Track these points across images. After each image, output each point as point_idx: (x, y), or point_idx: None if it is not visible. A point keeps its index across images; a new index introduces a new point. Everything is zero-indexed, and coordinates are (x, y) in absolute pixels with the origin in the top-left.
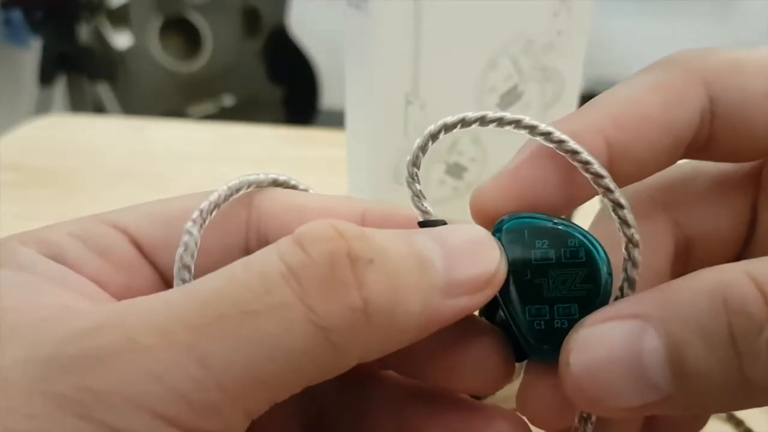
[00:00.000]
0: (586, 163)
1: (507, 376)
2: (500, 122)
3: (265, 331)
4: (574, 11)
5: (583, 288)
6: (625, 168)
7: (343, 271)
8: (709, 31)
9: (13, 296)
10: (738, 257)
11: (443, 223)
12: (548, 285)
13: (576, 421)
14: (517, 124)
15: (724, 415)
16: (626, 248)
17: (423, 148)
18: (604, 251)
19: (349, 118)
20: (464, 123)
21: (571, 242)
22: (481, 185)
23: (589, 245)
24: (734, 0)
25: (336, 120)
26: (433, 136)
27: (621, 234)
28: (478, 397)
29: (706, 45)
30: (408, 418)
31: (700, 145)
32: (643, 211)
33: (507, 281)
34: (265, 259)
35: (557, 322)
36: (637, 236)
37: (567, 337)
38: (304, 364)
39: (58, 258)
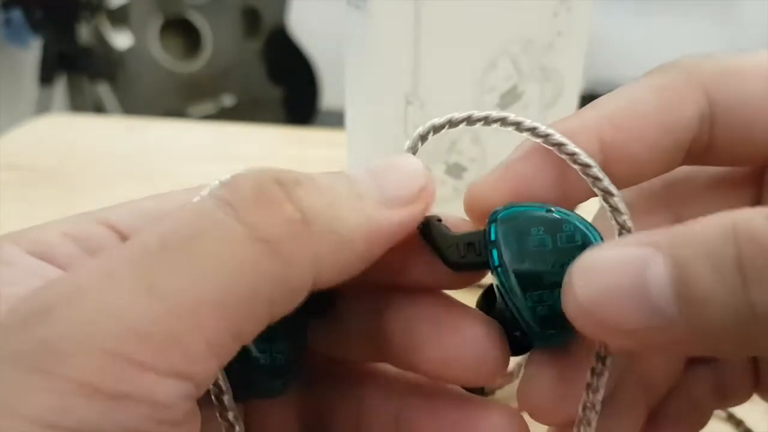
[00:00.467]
0: (572, 154)
1: (502, 367)
2: (486, 121)
3: (208, 250)
4: (574, 11)
5: None
6: (621, 168)
7: (272, 192)
8: (709, 32)
9: None
10: None
11: (438, 218)
12: (548, 270)
13: (580, 410)
14: (503, 121)
15: (724, 414)
16: (619, 234)
17: (413, 150)
18: (600, 234)
19: (349, 118)
20: (451, 123)
21: (566, 227)
22: (476, 181)
23: (584, 229)
24: (734, 0)
25: (336, 120)
26: (423, 137)
27: (613, 222)
28: (477, 393)
29: (706, 45)
30: (405, 413)
31: (700, 150)
32: (644, 207)
33: (505, 270)
34: (198, 200)
35: (559, 307)
36: (629, 222)
37: (571, 264)
38: (255, 281)
39: (48, 257)
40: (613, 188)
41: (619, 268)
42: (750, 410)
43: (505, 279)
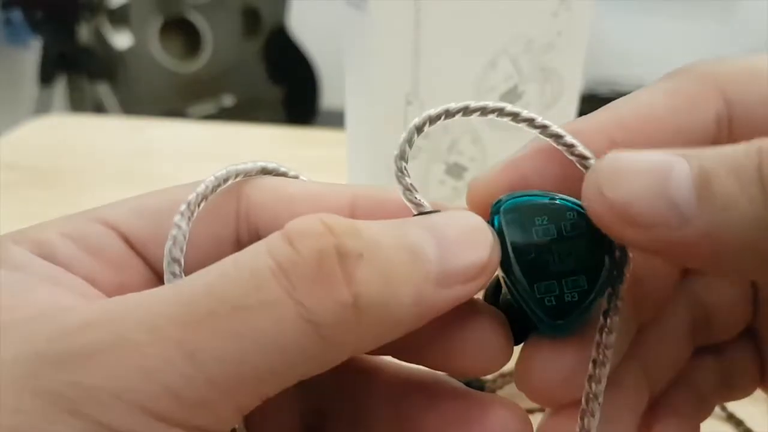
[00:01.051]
0: (570, 146)
1: (505, 357)
2: (483, 111)
3: (255, 327)
4: (573, 11)
5: (589, 258)
6: None
7: (331, 267)
8: (710, 32)
9: (6, 295)
10: None
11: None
12: (554, 260)
13: (583, 401)
14: (500, 112)
15: (724, 414)
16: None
17: (409, 141)
18: None
19: (349, 118)
20: (447, 114)
21: (569, 215)
22: (477, 176)
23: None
24: (735, 0)
25: (336, 120)
26: (419, 129)
27: None
28: (479, 388)
29: (706, 45)
30: (406, 408)
31: None
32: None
33: (510, 262)
34: (254, 255)
35: (568, 296)
36: None
37: (594, 163)
38: (295, 358)
39: (49, 257)
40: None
41: (641, 164)
42: (750, 410)
43: (512, 271)
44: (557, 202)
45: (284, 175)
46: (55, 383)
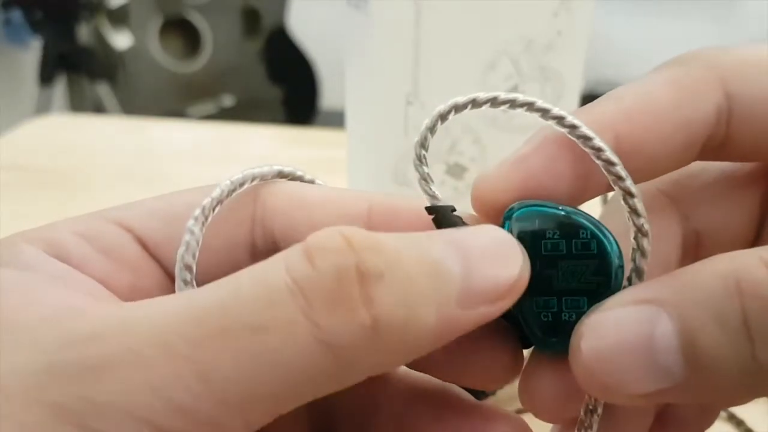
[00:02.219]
0: (598, 149)
1: (516, 370)
2: (513, 104)
3: (268, 347)
4: (574, 11)
5: (593, 281)
6: (636, 163)
7: (350, 287)
8: (710, 32)
9: (16, 296)
10: None
11: (452, 208)
12: (558, 277)
13: (582, 413)
14: (530, 106)
15: (724, 414)
16: (635, 238)
17: (432, 129)
18: (617, 243)
19: (349, 118)
20: (474, 104)
21: (582, 233)
22: (485, 172)
23: (602, 237)
24: (735, 0)
25: (336, 120)
26: (443, 116)
27: (630, 223)
28: (480, 395)
29: (707, 45)
30: (409, 419)
31: (716, 145)
32: (650, 204)
33: None
34: (272, 270)
35: (565, 315)
36: (646, 226)
37: (579, 322)
38: (309, 380)
39: (62, 257)
40: (634, 189)
41: (624, 331)
42: (750, 410)
43: None
44: (572, 218)
45: (300, 179)
46: (62, 396)
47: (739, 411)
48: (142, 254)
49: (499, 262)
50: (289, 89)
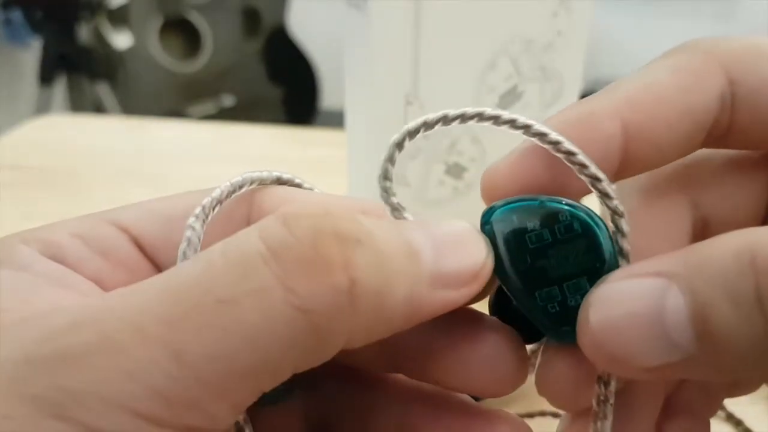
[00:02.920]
0: (581, 165)
1: (521, 377)
2: (480, 117)
3: (242, 320)
4: (573, 11)
5: (588, 259)
6: (643, 151)
7: (328, 249)
8: (710, 32)
9: (8, 296)
10: None
11: None
12: (551, 265)
13: (594, 404)
14: (496, 120)
15: (723, 414)
16: (612, 220)
17: (391, 159)
18: (599, 217)
19: (349, 118)
20: (445, 120)
21: (561, 217)
22: (494, 165)
23: (582, 215)
24: (735, 0)
25: (336, 120)
26: (399, 145)
27: (604, 207)
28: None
29: None
30: (409, 421)
31: (720, 133)
32: (659, 190)
33: (507, 272)
34: (245, 239)
35: (571, 300)
36: (621, 207)
37: (588, 294)
38: (286, 351)
39: (58, 257)
40: (600, 173)
41: (634, 302)
42: (749, 410)
43: (510, 280)
44: (547, 204)
45: (299, 186)
46: (41, 387)
47: (738, 411)
48: (138, 255)
49: (465, 250)
50: (289, 89)
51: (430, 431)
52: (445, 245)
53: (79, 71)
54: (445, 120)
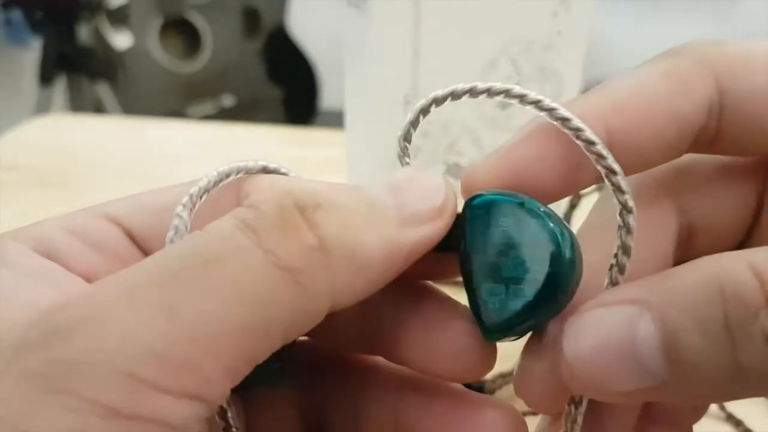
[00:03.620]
0: (589, 142)
1: (489, 363)
2: (489, 93)
3: (229, 276)
4: (573, 11)
5: (541, 271)
6: (626, 156)
7: (293, 217)
8: (710, 32)
9: None
10: (740, 246)
11: None
12: (507, 264)
13: (567, 406)
14: (507, 93)
15: (723, 414)
16: (620, 214)
17: (414, 123)
18: (570, 235)
19: (349, 118)
20: (454, 95)
21: (535, 224)
22: (475, 162)
23: (554, 228)
24: (735, 0)
25: (336, 120)
26: (424, 111)
27: (615, 200)
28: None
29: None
30: (402, 409)
31: (707, 139)
32: (646, 195)
33: (467, 255)
34: (222, 222)
35: (511, 303)
36: (631, 202)
37: (567, 322)
38: (274, 310)
39: (51, 254)
40: (616, 166)
41: (607, 331)
42: (749, 410)
43: (466, 264)
44: (527, 208)
45: (285, 175)
46: (34, 364)
47: (738, 411)
48: (131, 248)
49: (423, 185)
50: (289, 89)
51: (421, 418)
52: (400, 184)
53: (79, 71)
54: (473, 92)
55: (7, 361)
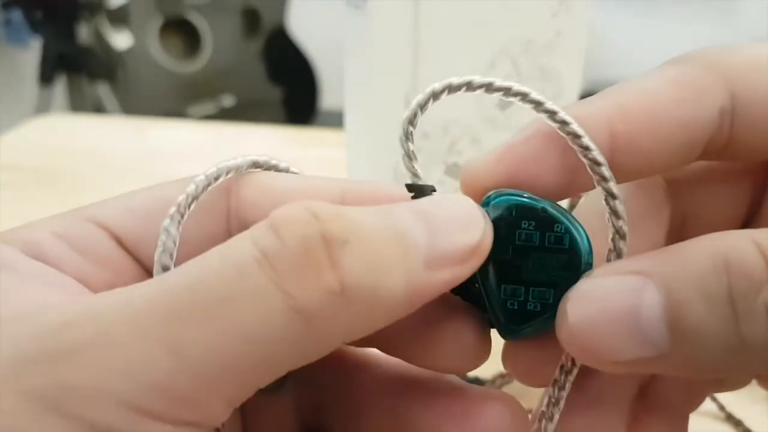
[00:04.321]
0: (585, 148)
1: (484, 353)
2: (507, 92)
3: (240, 318)
4: (573, 11)
5: (562, 275)
6: (630, 161)
7: (316, 254)
8: (710, 32)
9: None
10: None
11: (432, 188)
12: (528, 267)
13: (557, 372)
14: (524, 97)
15: (723, 414)
16: (613, 239)
17: (422, 106)
18: (589, 241)
19: (349, 118)
20: (469, 87)
21: (557, 227)
22: (473, 159)
23: (575, 233)
24: (735, 1)
25: (336, 120)
26: (435, 95)
27: (610, 224)
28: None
29: (707, 45)
30: (402, 403)
31: (719, 146)
32: (645, 197)
33: (487, 257)
34: (239, 245)
35: (530, 305)
36: (625, 228)
37: (571, 288)
38: (283, 350)
39: (40, 257)
40: (616, 190)
41: (611, 298)
42: (749, 410)
43: (484, 266)
44: (549, 211)
45: (275, 168)
46: (38, 383)
47: (738, 411)
48: (119, 252)
49: (462, 226)
50: (289, 89)
51: (422, 413)
52: (439, 224)
53: (79, 71)
54: (469, 86)
55: (9, 374)
